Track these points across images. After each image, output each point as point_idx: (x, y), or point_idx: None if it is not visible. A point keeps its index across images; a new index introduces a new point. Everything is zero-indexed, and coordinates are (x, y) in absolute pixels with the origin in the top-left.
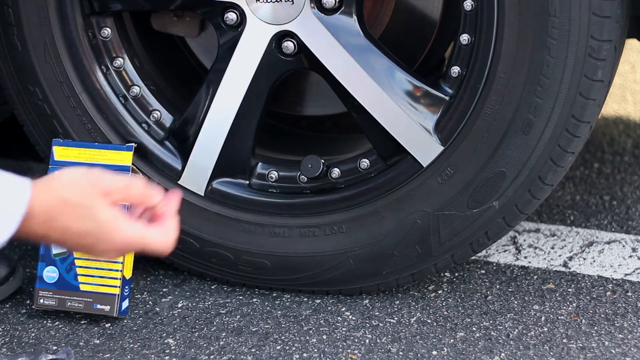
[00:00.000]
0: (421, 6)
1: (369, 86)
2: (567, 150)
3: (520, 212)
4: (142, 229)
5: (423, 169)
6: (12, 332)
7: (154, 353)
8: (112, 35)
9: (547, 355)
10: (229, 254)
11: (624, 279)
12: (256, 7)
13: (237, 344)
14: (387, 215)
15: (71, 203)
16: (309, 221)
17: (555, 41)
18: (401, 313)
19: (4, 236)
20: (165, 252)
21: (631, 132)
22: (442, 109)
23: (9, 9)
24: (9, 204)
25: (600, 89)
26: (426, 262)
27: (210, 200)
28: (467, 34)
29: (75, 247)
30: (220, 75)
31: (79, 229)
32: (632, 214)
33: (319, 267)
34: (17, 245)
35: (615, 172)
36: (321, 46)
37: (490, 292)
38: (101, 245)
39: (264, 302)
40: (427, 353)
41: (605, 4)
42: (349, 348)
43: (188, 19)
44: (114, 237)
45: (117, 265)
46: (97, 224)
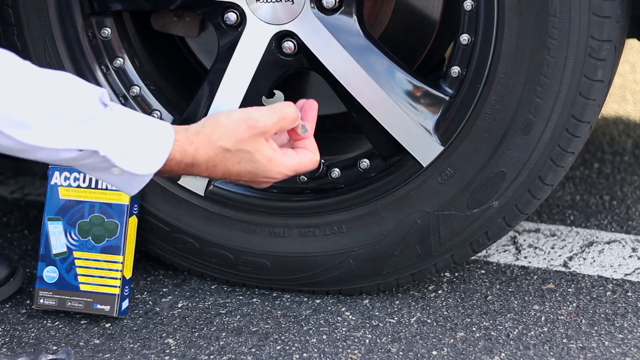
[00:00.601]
0: (421, 6)
1: (369, 86)
2: (567, 150)
3: (520, 212)
4: (294, 161)
5: (423, 169)
6: (12, 332)
7: (154, 353)
8: (112, 35)
9: (547, 355)
10: (229, 254)
11: (624, 279)
12: (256, 7)
13: (237, 344)
14: (387, 215)
15: (231, 151)
16: (309, 221)
17: (555, 41)
18: (401, 313)
19: (151, 169)
20: (315, 167)
21: (631, 132)
22: (442, 109)
23: (9, 9)
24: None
25: (600, 89)
26: (426, 262)
27: (210, 201)
28: (467, 34)
29: (235, 181)
30: (220, 75)
31: (239, 171)
32: (632, 214)
33: (319, 267)
34: (17, 245)
35: (615, 172)
36: (321, 46)
37: (490, 292)
38: (260, 179)
39: (264, 302)
40: (427, 353)
41: (605, 4)
42: (349, 348)
43: (188, 19)
44: (271, 173)
45: (117, 265)
46: (255, 165)
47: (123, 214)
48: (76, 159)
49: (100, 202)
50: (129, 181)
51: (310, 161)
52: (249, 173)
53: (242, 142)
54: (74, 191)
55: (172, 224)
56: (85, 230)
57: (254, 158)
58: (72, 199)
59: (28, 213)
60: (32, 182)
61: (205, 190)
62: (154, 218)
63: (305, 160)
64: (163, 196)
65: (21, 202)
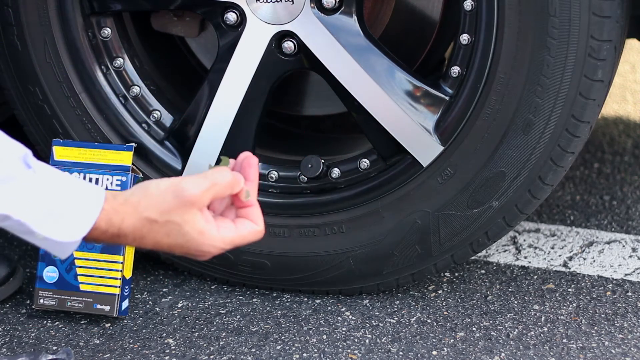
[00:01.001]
0: (421, 6)
1: (369, 86)
2: (567, 150)
3: (520, 212)
4: (231, 234)
5: (423, 169)
6: (12, 332)
7: (154, 353)
8: (112, 35)
9: (547, 355)
10: (229, 254)
11: (624, 279)
12: (256, 7)
13: (237, 344)
14: (387, 215)
15: (159, 223)
16: (309, 221)
17: (555, 41)
18: (401, 313)
19: (73, 236)
20: (259, 239)
21: (631, 132)
22: (442, 109)
23: (9, 9)
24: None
25: (600, 89)
26: (426, 262)
27: None
28: (467, 34)
29: (169, 254)
30: (220, 75)
31: (169, 243)
32: (632, 214)
33: (319, 267)
34: (17, 245)
35: (615, 172)
36: (321, 46)
37: (490, 292)
38: (193, 252)
39: (264, 302)
40: (427, 353)
41: (605, 4)
42: (349, 348)
43: (188, 19)
44: (204, 247)
45: (117, 265)
46: (186, 238)
47: None
48: None
49: None
50: (54, 246)
51: (250, 233)
52: (180, 246)
53: (169, 213)
54: None
55: None
56: None
57: (183, 230)
58: None
59: None
60: None
61: None
62: None
63: (245, 232)
64: None
65: None
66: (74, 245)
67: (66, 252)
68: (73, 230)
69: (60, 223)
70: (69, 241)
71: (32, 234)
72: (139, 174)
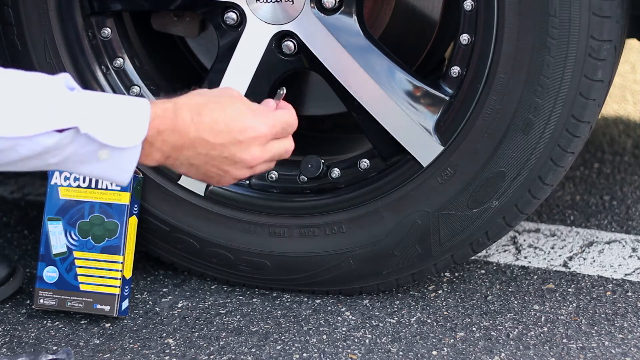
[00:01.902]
0: (421, 6)
1: (369, 86)
2: (567, 150)
3: (520, 212)
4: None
5: (423, 169)
6: (12, 332)
7: (154, 353)
8: (112, 35)
9: (547, 355)
10: (229, 254)
11: (624, 279)
12: (256, 7)
13: (237, 344)
14: (387, 215)
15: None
16: (309, 221)
17: (555, 41)
18: (401, 313)
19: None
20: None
21: (631, 132)
22: (442, 109)
23: (9, 9)
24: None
25: (600, 89)
26: (426, 262)
27: (210, 201)
28: (467, 34)
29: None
30: (220, 75)
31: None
32: (632, 214)
33: (319, 267)
34: (17, 245)
35: (615, 172)
36: (321, 46)
37: (490, 292)
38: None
39: (264, 302)
40: (427, 353)
41: (605, 4)
42: (349, 348)
43: (188, 19)
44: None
45: (117, 265)
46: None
47: (123, 214)
48: (59, 147)
49: (100, 202)
50: (119, 163)
51: (286, 113)
52: (233, 122)
53: (221, 91)
54: (74, 191)
55: (172, 224)
56: (85, 230)
57: (236, 102)
58: (72, 199)
59: (28, 213)
60: (32, 182)
61: (206, 190)
62: (154, 218)
63: (283, 113)
64: (163, 196)
65: (21, 202)
66: (136, 154)
67: (130, 167)
68: (135, 132)
69: (121, 129)
70: (133, 145)
71: (96, 156)
72: (139, 174)
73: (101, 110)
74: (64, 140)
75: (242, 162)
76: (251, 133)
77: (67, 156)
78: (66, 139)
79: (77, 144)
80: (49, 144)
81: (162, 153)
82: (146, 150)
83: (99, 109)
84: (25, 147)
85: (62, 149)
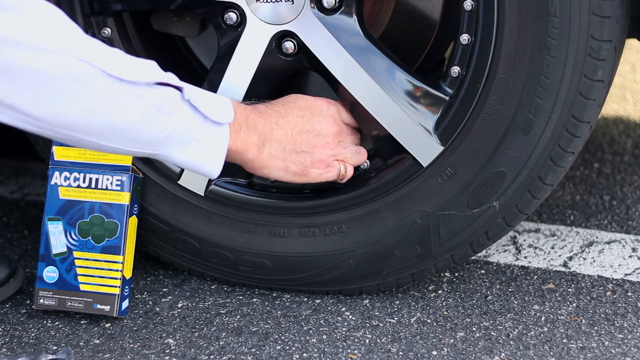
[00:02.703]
0: (421, 6)
1: (369, 86)
2: (567, 150)
3: (520, 212)
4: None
5: (423, 169)
6: (12, 332)
7: (154, 353)
8: (113, 35)
9: (547, 355)
10: (229, 254)
11: (624, 279)
12: (256, 7)
13: (237, 344)
14: (387, 215)
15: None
16: (308, 221)
17: (555, 41)
18: (401, 313)
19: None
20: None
21: (631, 132)
22: (442, 109)
23: None
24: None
25: (600, 89)
26: (426, 262)
27: (210, 201)
28: (467, 34)
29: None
30: (220, 75)
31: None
32: (632, 214)
33: (319, 267)
34: (17, 245)
35: (615, 172)
36: (321, 46)
37: (490, 292)
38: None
39: (264, 302)
40: (427, 353)
41: (605, 4)
42: (349, 348)
43: (188, 19)
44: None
45: (117, 265)
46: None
47: (123, 214)
48: (168, 108)
49: (100, 202)
50: (213, 147)
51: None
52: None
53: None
54: (74, 191)
55: (172, 224)
56: (85, 230)
57: (309, 99)
58: (72, 199)
59: (28, 213)
60: (32, 182)
61: (206, 190)
62: (154, 218)
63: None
64: (163, 196)
65: (21, 202)
66: (227, 135)
67: (220, 157)
68: (226, 109)
69: (214, 105)
70: (226, 122)
71: (194, 136)
72: (139, 174)
73: (194, 88)
74: (172, 100)
75: (323, 135)
76: (324, 109)
77: (174, 129)
78: (174, 101)
79: (182, 114)
80: (157, 98)
81: (258, 136)
82: (243, 133)
83: (191, 87)
84: (135, 98)
85: (171, 115)
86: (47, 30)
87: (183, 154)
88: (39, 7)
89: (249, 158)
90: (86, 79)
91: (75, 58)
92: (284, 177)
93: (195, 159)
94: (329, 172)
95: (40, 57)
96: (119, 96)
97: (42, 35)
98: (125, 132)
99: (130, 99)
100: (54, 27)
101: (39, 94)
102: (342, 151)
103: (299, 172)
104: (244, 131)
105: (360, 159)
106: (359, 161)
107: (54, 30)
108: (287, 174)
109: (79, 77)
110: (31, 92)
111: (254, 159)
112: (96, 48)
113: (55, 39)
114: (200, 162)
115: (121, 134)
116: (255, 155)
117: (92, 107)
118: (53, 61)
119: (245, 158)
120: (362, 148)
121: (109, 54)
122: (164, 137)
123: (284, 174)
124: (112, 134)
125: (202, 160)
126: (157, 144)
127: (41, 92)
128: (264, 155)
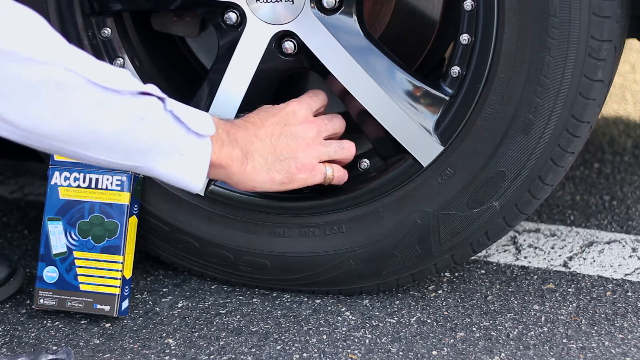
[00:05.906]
0: (421, 6)
1: (369, 86)
2: (567, 150)
3: (520, 212)
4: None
5: (423, 169)
6: (12, 332)
7: (154, 353)
8: (113, 35)
9: (547, 355)
10: (229, 254)
11: (624, 279)
12: (256, 7)
13: (237, 344)
14: (387, 215)
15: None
16: (308, 221)
17: (555, 41)
18: (401, 313)
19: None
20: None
21: (631, 132)
22: (442, 109)
23: None
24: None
25: (600, 89)
26: (426, 262)
27: (210, 201)
28: (467, 33)
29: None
30: (220, 75)
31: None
32: (632, 214)
33: (319, 267)
34: (17, 245)
35: (615, 172)
36: (321, 46)
37: (490, 292)
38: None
39: (264, 302)
40: (427, 353)
41: (605, 4)
42: (349, 348)
43: (188, 19)
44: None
45: (117, 265)
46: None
47: (123, 214)
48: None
49: (100, 202)
50: (195, 159)
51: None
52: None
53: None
54: (74, 191)
55: (172, 224)
56: (85, 230)
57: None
58: (72, 199)
59: (28, 213)
60: (32, 182)
61: (206, 190)
62: (154, 218)
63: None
64: (163, 196)
65: (21, 202)
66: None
67: (204, 166)
68: (207, 124)
69: (195, 118)
70: (208, 134)
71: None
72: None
73: (175, 101)
74: (155, 111)
75: (302, 137)
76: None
77: (157, 140)
78: (157, 111)
79: (165, 125)
80: (141, 107)
81: (240, 149)
82: (227, 147)
83: (172, 100)
84: (120, 107)
85: (154, 125)
86: (32, 39)
87: (166, 167)
88: (22, 16)
89: (233, 172)
90: (73, 87)
91: (62, 67)
92: (271, 188)
93: (177, 172)
94: (315, 176)
95: (26, 66)
96: (104, 105)
97: (27, 44)
98: (109, 142)
99: (115, 108)
100: (39, 36)
101: (25, 103)
102: (325, 150)
103: (285, 180)
104: (226, 145)
105: (347, 153)
106: (345, 156)
107: (39, 39)
108: (273, 184)
109: (66, 86)
110: (17, 101)
111: (238, 173)
112: (81, 57)
113: (41, 48)
114: (182, 175)
115: (105, 144)
116: (238, 170)
117: (77, 116)
118: (40, 70)
119: (229, 172)
120: (347, 141)
121: (92, 63)
122: (146, 148)
123: (270, 185)
124: (96, 144)
125: (184, 174)
126: (140, 156)
127: (28, 101)
128: (247, 169)
